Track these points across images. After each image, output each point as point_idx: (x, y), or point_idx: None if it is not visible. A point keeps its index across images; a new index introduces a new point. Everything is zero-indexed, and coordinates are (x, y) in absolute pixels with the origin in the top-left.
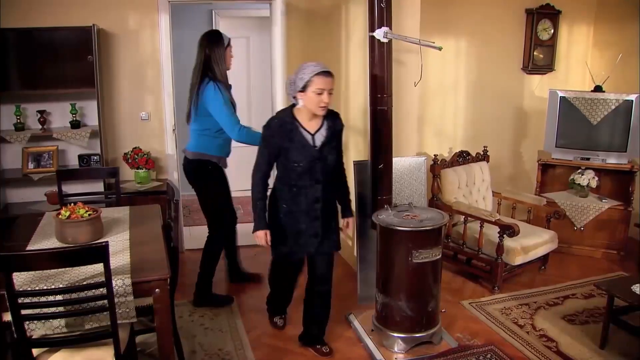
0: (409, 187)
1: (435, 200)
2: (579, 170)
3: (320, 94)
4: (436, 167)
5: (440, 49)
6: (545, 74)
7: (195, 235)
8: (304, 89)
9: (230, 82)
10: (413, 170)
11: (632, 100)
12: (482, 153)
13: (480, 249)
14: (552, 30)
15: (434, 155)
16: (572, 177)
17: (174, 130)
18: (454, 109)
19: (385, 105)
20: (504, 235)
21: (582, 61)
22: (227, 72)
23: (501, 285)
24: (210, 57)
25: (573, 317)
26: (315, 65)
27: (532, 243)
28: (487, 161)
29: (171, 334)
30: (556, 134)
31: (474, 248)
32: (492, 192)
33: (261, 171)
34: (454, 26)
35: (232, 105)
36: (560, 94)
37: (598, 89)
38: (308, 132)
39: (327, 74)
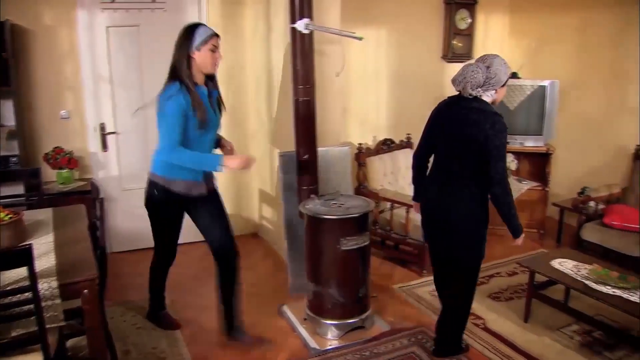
0: (336, 176)
1: (361, 188)
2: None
3: None
4: (361, 155)
5: (360, 39)
6: (464, 62)
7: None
8: (504, 84)
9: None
10: (338, 160)
11: (546, 86)
12: (405, 140)
13: (407, 234)
14: (470, 20)
15: (359, 144)
16: None
17: (95, 128)
18: (377, 98)
19: (308, 96)
20: None
21: (499, 49)
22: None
23: (429, 268)
24: (173, 56)
25: (498, 295)
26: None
27: None
28: (411, 148)
29: (102, 335)
30: None
31: (401, 233)
32: None
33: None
34: (374, 16)
35: (205, 121)
36: None
37: (514, 75)
38: None
39: None
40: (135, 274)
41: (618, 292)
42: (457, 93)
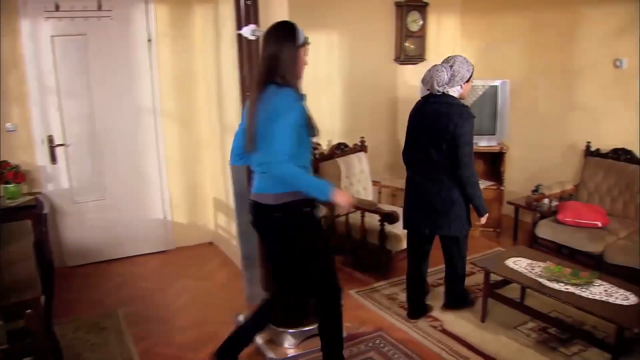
0: None
1: None
2: None
3: None
4: (315, 160)
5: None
6: (417, 64)
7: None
8: (468, 80)
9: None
10: None
11: (498, 86)
12: (359, 144)
13: (364, 238)
14: (422, 22)
15: (313, 149)
16: None
17: (43, 141)
18: (330, 102)
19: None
20: (385, 223)
21: (451, 50)
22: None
23: (387, 271)
24: (278, 58)
25: None
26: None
27: None
28: (365, 151)
29: (51, 355)
30: None
31: (358, 238)
32: (372, 181)
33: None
34: (325, 21)
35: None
36: None
37: None
38: None
39: None
40: (88, 288)
41: (571, 289)
42: (427, 93)
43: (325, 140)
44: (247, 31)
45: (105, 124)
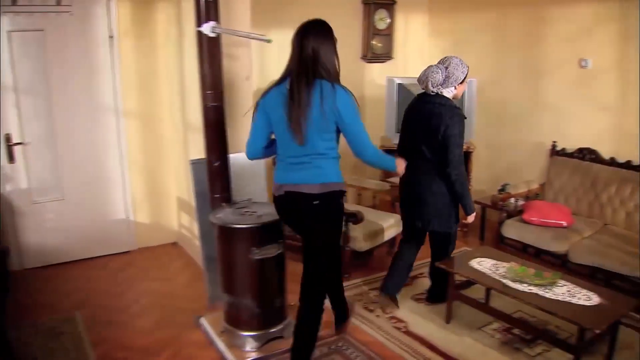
0: (250, 183)
1: None
2: None
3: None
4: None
5: (269, 41)
6: (384, 62)
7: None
8: (462, 82)
9: None
10: (253, 166)
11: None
12: None
13: None
14: (389, 20)
15: None
16: None
17: None
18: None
19: (217, 101)
20: (349, 223)
21: (419, 49)
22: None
23: (351, 272)
24: (319, 54)
25: (421, 296)
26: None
27: (378, 228)
28: None
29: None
30: (396, 120)
31: None
32: None
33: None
34: (290, 18)
35: None
36: (397, 80)
37: None
38: None
39: None
40: (46, 291)
41: (534, 290)
42: (422, 91)
43: None
44: (207, 28)
45: (65, 122)
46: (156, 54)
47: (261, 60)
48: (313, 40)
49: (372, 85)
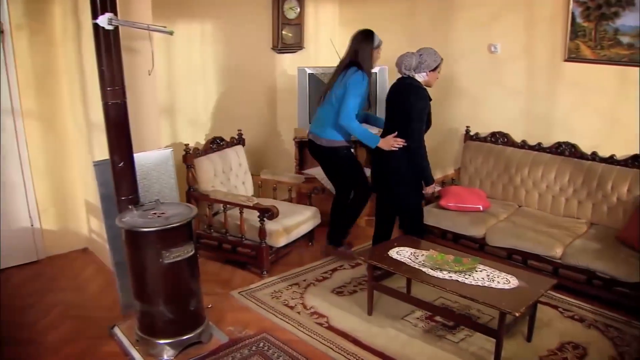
0: (158, 182)
1: (192, 191)
2: None
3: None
4: (188, 157)
5: (171, 33)
6: (295, 52)
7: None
8: (434, 69)
9: None
10: (160, 164)
11: (376, 72)
12: (237, 137)
13: (243, 235)
14: (299, 9)
15: (185, 145)
16: None
17: None
18: (205, 95)
19: (118, 98)
20: (264, 219)
21: (330, 38)
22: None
23: (270, 268)
24: (358, 52)
25: (342, 289)
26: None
27: (294, 222)
28: (243, 145)
29: None
30: (309, 111)
31: (237, 235)
32: (252, 175)
33: (421, 135)
34: (198, 9)
35: (367, 101)
36: (308, 70)
37: None
38: None
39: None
40: None
41: (454, 277)
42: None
43: (202, 134)
44: (103, 20)
45: None
46: (54, 49)
47: (167, 54)
48: (357, 42)
49: (284, 76)
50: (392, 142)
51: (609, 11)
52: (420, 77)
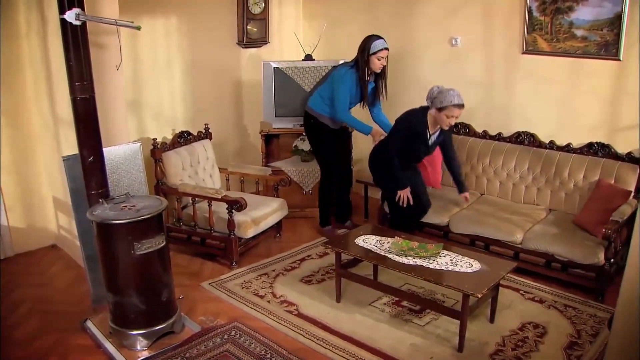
0: (127, 176)
1: (160, 185)
2: (301, 137)
3: (449, 117)
4: (157, 151)
5: (138, 28)
6: (260, 46)
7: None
8: (440, 110)
9: None
10: (129, 158)
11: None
12: (203, 131)
13: (212, 227)
14: (263, 4)
15: (153, 139)
16: (294, 143)
17: None
18: (171, 90)
19: (86, 93)
20: (233, 210)
21: (293, 32)
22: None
23: (239, 259)
24: (357, 59)
25: (310, 278)
26: (458, 96)
27: (262, 213)
28: (210, 139)
29: None
30: (274, 104)
31: (206, 227)
32: (219, 168)
33: (395, 149)
34: (163, 4)
35: (360, 95)
36: (274, 65)
37: (308, 57)
38: (429, 132)
39: (461, 106)
40: None
41: (419, 262)
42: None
43: (169, 129)
44: (71, 15)
45: None
46: (18, 43)
47: (133, 49)
48: (360, 49)
49: (250, 71)
50: (377, 138)
51: (564, 5)
52: (432, 110)
